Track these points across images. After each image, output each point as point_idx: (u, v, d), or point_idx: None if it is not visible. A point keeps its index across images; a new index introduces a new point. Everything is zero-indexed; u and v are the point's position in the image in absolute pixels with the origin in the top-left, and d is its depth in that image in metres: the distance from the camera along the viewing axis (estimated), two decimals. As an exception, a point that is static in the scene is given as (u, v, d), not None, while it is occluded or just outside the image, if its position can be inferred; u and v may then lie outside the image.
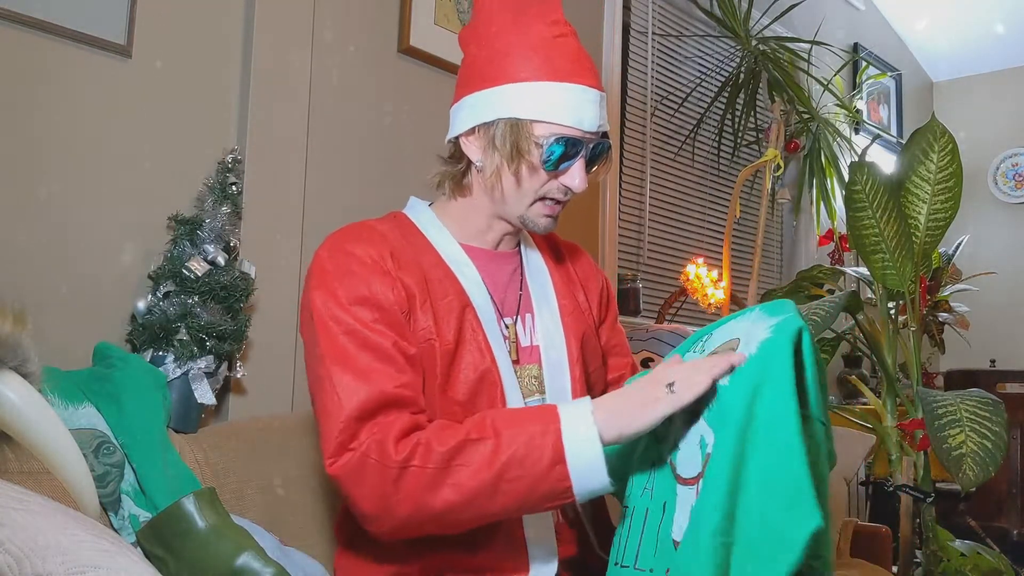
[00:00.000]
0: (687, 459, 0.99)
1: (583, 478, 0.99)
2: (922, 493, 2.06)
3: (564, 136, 1.13)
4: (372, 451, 1.01)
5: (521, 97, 1.14)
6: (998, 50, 4.57)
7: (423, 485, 0.99)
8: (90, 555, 0.71)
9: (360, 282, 1.11)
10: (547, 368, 1.21)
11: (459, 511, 1.00)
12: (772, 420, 0.90)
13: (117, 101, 1.52)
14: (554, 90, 1.14)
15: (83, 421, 1.22)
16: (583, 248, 1.43)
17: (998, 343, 4.23)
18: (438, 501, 0.99)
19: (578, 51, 1.17)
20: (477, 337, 1.15)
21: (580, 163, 1.16)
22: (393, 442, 1.01)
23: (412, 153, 2.00)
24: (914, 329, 2.12)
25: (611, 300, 1.40)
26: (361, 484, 1.01)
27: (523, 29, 1.17)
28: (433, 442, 1.01)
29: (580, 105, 1.14)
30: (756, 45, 3.16)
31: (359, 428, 1.02)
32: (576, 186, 1.16)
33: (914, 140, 2.06)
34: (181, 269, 1.48)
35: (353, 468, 1.02)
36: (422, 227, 1.24)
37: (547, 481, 0.98)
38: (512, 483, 0.98)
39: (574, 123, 1.13)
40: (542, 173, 1.16)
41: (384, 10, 1.99)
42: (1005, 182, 4.72)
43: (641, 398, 1.01)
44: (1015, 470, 3.60)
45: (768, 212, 3.19)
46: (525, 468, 0.98)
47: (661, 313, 2.98)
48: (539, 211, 1.19)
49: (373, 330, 1.08)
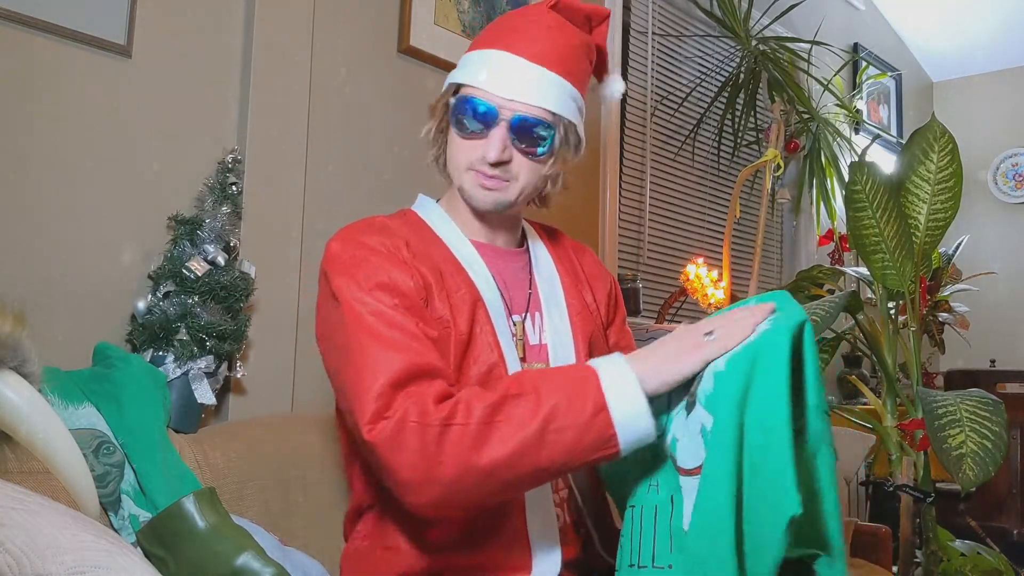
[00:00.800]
0: (688, 449, 0.99)
1: (627, 424, 0.97)
2: (922, 493, 2.06)
3: (471, 97, 1.14)
4: (411, 414, 0.98)
5: (462, 64, 1.19)
6: (998, 50, 4.57)
7: (467, 443, 0.96)
8: (90, 555, 0.71)
9: (378, 270, 1.10)
10: (554, 367, 1.21)
11: (506, 468, 0.97)
12: (764, 407, 0.91)
13: (117, 101, 1.52)
14: (485, 56, 1.16)
15: (83, 421, 1.22)
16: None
17: (998, 343, 4.23)
18: (484, 458, 0.96)
19: (542, 31, 1.16)
20: (487, 332, 1.15)
21: (497, 131, 1.13)
22: (433, 403, 0.99)
23: (412, 153, 2.00)
24: (914, 329, 2.12)
25: (619, 301, 1.40)
26: (400, 449, 0.98)
27: (517, 11, 1.20)
28: (473, 400, 0.99)
29: (503, 71, 1.13)
30: (756, 45, 3.16)
31: (395, 395, 1.00)
32: (489, 155, 1.13)
33: (914, 140, 2.06)
34: (181, 269, 1.48)
35: (391, 434, 0.98)
36: (431, 223, 1.24)
37: (592, 430, 0.97)
38: (557, 434, 0.96)
39: (488, 87, 1.13)
40: (456, 137, 1.16)
41: (384, 10, 1.99)
42: (1005, 182, 4.72)
43: (678, 347, 1.01)
44: (1015, 470, 3.60)
45: (768, 212, 3.19)
46: (569, 418, 0.97)
47: (661, 313, 2.98)
48: (471, 180, 1.17)
49: (397, 312, 1.07)
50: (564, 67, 1.16)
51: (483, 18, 2.21)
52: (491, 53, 1.16)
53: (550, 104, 1.14)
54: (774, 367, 0.92)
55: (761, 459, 0.90)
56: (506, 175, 1.16)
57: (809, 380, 0.96)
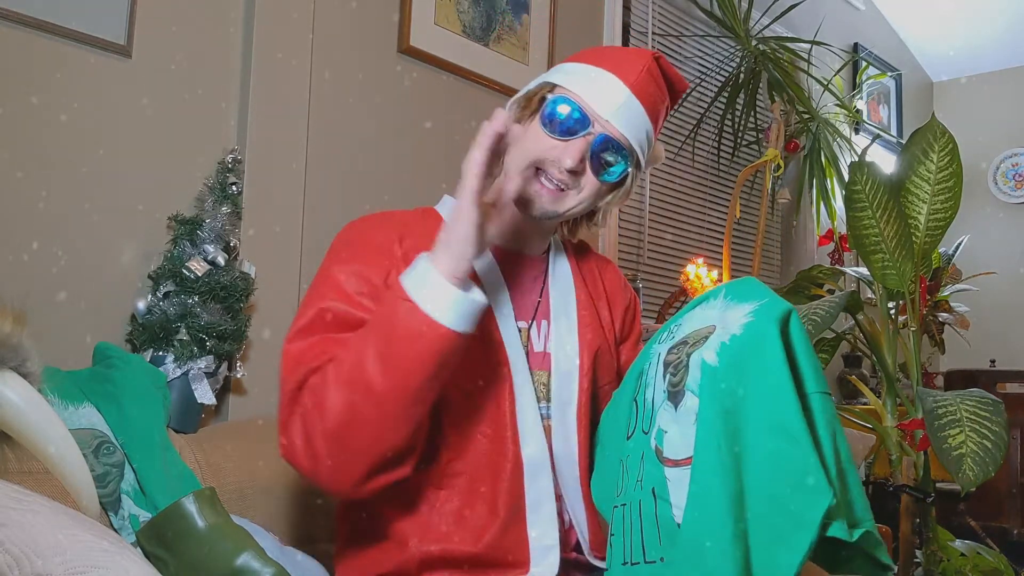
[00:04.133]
0: (678, 441, 0.98)
1: (433, 300, 0.98)
2: (922, 493, 2.06)
3: (570, 99, 1.14)
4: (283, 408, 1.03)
5: (561, 71, 1.19)
6: (998, 50, 4.57)
7: (315, 416, 1.00)
8: (90, 555, 0.71)
9: (357, 258, 1.13)
10: (556, 377, 1.20)
11: (349, 411, 0.99)
12: (769, 402, 0.90)
13: (117, 101, 1.52)
14: (591, 71, 1.16)
15: (83, 421, 1.22)
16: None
17: (998, 343, 4.23)
18: (329, 421, 0.99)
19: (644, 72, 1.16)
20: (492, 334, 1.15)
21: (580, 142, 1.13)
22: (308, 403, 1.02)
23: (412, 153, 2.00)
24: (914, 329, 2.12)
25: (636, 319, 1.39)
26: (293, 439, 1.02)
27: (623, 48, 1.24)
28: (327, 367, 1.02)
29: (604, 89, 1.14)
30: (756, 45, 3.16)
31: (291, 412, 1.03)
32: (567, 162, 1.12)
33: (914, 140, 2.06)
34: (181, 269, 1.48)
35: (288, 448, 1.03)
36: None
37: (399, 319, 0.98)
38: (382, 346, 0.98)
39: (587, 97, 1.14)
40: (540, 131, 1.15)
41: (384, 10, 1.99)
42: (1005, 182, 4.72)
43: (451, 218, 1.02)
44: (1015, 470, 3.59)
45: (768, 212, 3.19)
46: (382, 327, 0.99)
47: (661, 313, 2.98)
48: (536, 187, 1.16)
49: (353, 304, 1.09)
50: (653, 114, 1.18)
51: (483, 18, 2.21)
52: (596, 70, 1.16)
53: (635, 138, 1.15)
54: (771, 361, 0.91)
55: (774, 454, 0.89)
56: (571, 183, 1.16)
57: (804, 368, 0.95)
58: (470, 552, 1.10)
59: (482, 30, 2.21)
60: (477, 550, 1.10)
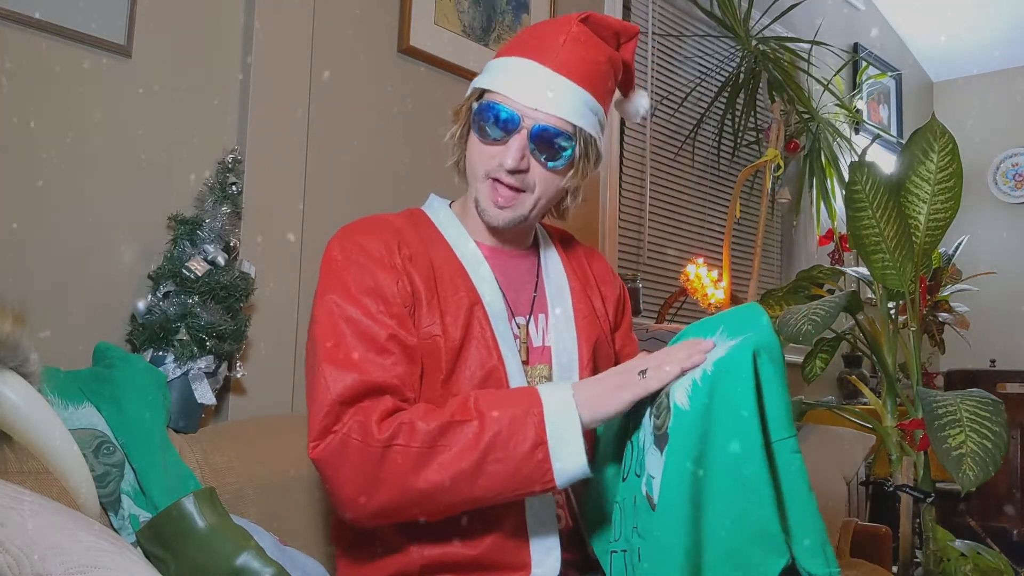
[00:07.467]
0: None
1: (564, 460, 0.99)
2: (922, 493, 2.06)
3: (494, 103, 1.14)
4: (354, 432, 1.01)
5: (488, 70, 1.19)
6: (998, 50, 4.57)
7: (407, 466, 1.00)
8: (90, 555, 0.71)
9: (366, 273, 1.12)
10: (557, 369, 1.21)
11: (442, 493, 1.00)
12: (735, 452, 0.88)
13: (117, 101, 1.52)
14: (511, 63, 1.16)
15: (83, 421, 1.22)
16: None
17: (998, 343, 4.23)
18: (421, 482, 0.99)
19: (569, 43, 1.15)
20: (485, 335, 1.15)
21: (516, 140, 1.13)
22: (376, 422, 1.01)
23: (412, 153, 2.00)
24: (914, 329, 2.12)
25: (627, 307, 1.40)
26: (342, 467, 1.02)
27: (547, 22, 1.21)
28: (417, 422, 1.01)
29: (527, 79, 1.14)
30: (756, 45, 3.16)
31: (343, 412, 1.03)
32: (507, 162, 1.13)
33: (914, 140, 2.06)
34: (181, 269, 1.48)
35: (334, 450, 1.02)
36: (439, 224, 1.24)
37: (529, 463, 0.99)
38: (495, 464, 0.99)
39: (511, 93, 1.13)
40: (476, 142, 1.16)
41: (384, 10, 1.99)
42: (1005, 182, 4.72)
43: (616, 383, 1.03)
44: (1015, 470, 3.60)
45: (768, 212, 3.19)
46: (508, 449, 0.99)
47: (661, 313, 2.98)
48: (487, 193, 1.17)
49: (375, 319, 1.09)
50: (589, 80, 1.16)
51: (483, 18, 2.21)
52: (517, 61, 1.16)
53: (572, 116, 1.14)
54: (739, 413, 0.89)
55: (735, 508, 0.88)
56: (522, 184, 1.16)
57: (771, 412, 0.91)
58: (471, 556, 1.10)
59: (482, 30, 2.21)
60: (477, 553, 1.10)
